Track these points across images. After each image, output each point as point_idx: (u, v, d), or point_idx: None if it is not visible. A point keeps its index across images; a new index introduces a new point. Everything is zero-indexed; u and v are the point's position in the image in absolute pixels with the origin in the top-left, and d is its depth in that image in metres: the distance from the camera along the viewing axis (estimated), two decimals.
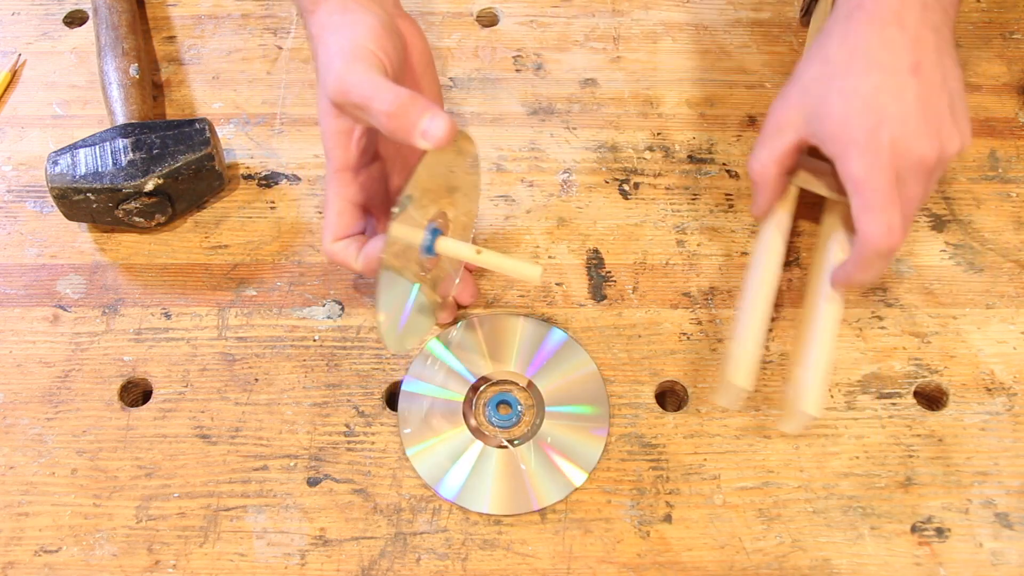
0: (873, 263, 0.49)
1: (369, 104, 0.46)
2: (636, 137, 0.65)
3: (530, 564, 0.50)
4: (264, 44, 0.69)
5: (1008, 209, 0.62)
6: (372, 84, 0.46)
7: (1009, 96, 0.67)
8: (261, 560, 0.50)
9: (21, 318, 0.58)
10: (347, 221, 0.51)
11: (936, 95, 0.49)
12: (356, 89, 0.46)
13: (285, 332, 0.57)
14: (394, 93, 0.45)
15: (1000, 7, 0.72)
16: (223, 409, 0.55)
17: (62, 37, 0.70)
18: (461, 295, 0.57)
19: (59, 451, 0.53)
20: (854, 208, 0.49)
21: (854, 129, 0.48)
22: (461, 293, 0.57)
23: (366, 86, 0.46)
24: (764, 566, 0.50)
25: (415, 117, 0.45)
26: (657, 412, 0.55)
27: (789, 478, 0.53)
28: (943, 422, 0.54)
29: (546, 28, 0.70)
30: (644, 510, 0.52)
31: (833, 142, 0.49)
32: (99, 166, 0.57)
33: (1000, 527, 0.51)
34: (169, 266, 0.60)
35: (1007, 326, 0.57)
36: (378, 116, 0.46)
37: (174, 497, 0.52)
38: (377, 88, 0.46)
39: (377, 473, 0.53)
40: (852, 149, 0.48)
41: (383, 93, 0.46)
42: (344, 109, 0.48)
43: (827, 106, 0.50)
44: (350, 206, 0.51)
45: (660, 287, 0.59)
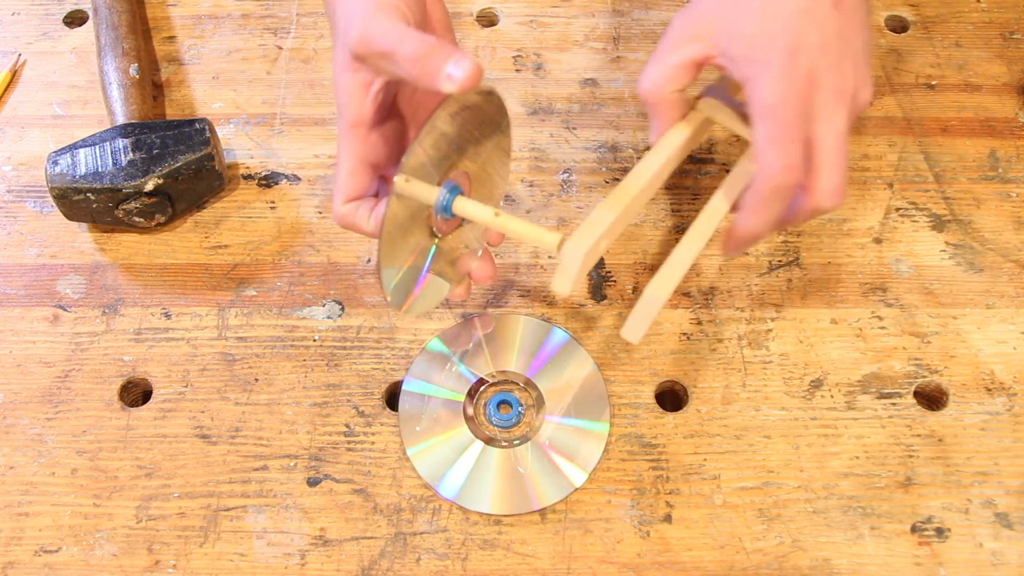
0: (769, 203, 0.46)
1: (394, 50, 0.44)
2: (636, 137, 0.65)
3: (530, 564, 0.50)
4: (264, 44, 0.69)
5: (1008, 209, 0.62)
6: (397, 31, 0.45)
7: (1009, 96, 0.67)
8: (261, 560, 0.50)
9: (21, 318, 0.58)
10: (359, 181, 0.48)
11: (854, 35, 0.46)
12: (381, 37, 0.45)
13: (285, 332, 0.57)
14: (420, 38, 0.44)
15: (1000, 7, 0.72)
16: (223, 409, 0.55)
17: (62, 37, 0.70)
18: (479, 274, 0.53)
19: (59, 451, 0.53)
20: (757, 139, 0.45)
21: (771, 51, 0.45)
22: (479, 271, 0.53)
23: (391, 34, 0.45)
24: (764, 566, 0.50)
25: (440, 61, 0.44)
26: (657, 412, 0.55)
27: (789, 478, 0.53)
28: (943, 422, 0.54)
29: (546, 28, 0.70)
30: (644, 510, 0.52)
31: (747, 63, 0.46)
32: (99, 166, 0.57)
33: (1000, 527, 0.51)
34: (169, 266, 0.60)
35: (1007, 326, 0.57)
36: (403, 62, 0.44)
37: (174, 497, 0.52)
38: (402, 35, 0.45)
39: (377, 473, 0.53)
40: (766, 72, 0.45)
41: (409, 39, 0.44)
42: (367, 60, 0.46)
43: (744, 23, 0.46)
44: (362, 165, 0.48)
45: None
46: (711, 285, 0.59)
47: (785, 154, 0.44)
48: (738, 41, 0.46)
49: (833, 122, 0.45)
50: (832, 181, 0.46)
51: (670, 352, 0.57)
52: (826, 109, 0.45)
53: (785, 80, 0.44)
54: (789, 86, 0.44)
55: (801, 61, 0.44)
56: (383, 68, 0.46)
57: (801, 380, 0.56)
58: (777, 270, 0.59)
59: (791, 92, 0.44)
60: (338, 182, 0.48)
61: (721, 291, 0.59)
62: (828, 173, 0.46)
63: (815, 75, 0.45)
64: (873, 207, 0.62)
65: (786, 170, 0.45)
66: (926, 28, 0.70)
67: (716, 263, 0.60)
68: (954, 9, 0.71)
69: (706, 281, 0.59)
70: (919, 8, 0.71)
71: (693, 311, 0.58)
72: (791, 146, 0.45)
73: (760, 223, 0.47)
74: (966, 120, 0.66)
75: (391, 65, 0.45)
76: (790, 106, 0.44)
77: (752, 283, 0.59)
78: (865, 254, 0.60)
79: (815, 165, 0.46)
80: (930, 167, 0.64)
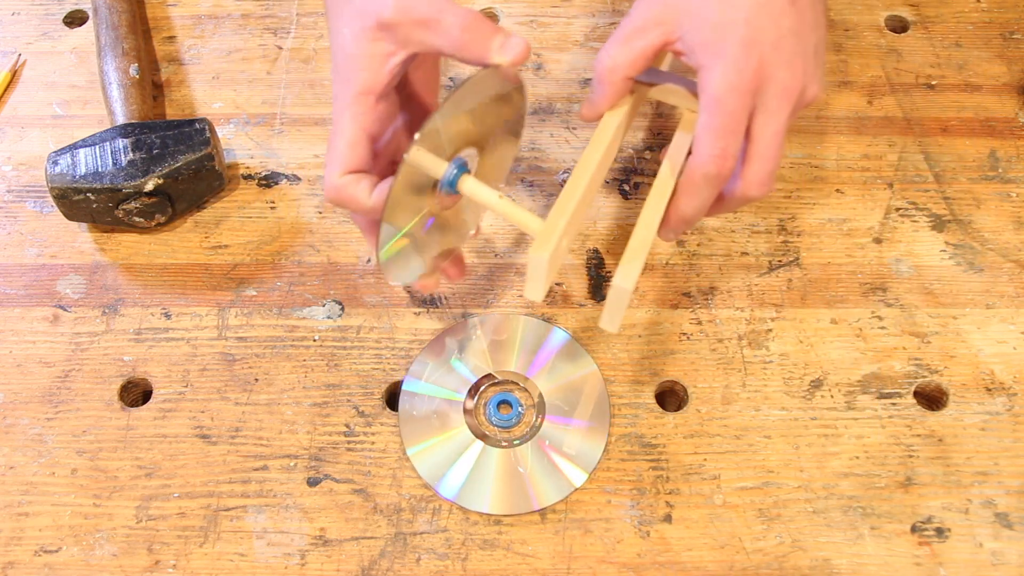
0: (700, 188, 0.47)
1: (440, 17, 0.44)
2: (636, 137, 0.65)
3: (530, 564, 0.50)
4: (264, 44, 0.69)
5: (1008, 209, 0.62)
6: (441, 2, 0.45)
7: (1009, 96, 0.67)
8: (261, 560, 0.50)
9: (21, 318, 0.58)
10: (359, 153, 0.46)
11: (808, 32, 0.47)
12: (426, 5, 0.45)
13: (285, 332, 0.57)
14: (467, 10, 0.45)
15: (1000, 7, 0.72)
16: (223, 409, 0.55)
17: (62, 37, 0.70)
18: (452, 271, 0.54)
19: (59, 451, 0.53)
20: (699, 125, 0.46)
21: (726, 42, 0.45)
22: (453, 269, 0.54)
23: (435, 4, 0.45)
24: (764, 566, 0.50)
25: (489, 33, 0.44)
26: (657, 412, 0.55)
27: (789, 478, 0.53)
28: (943, 422, 0.54)
29: (546, 28, 0.70)
30: (644, 510, 0.52)
31: (703, 51, 0.46)
32: (99, 166, 0.57)
33: (1000, 527, 0.51)
34: (169, 266, 0.60)
35: (1007, 326, 0.57)
36: (451, 29, 0.44)
37: (174, 497, 0.52)
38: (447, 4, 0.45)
39: (377, 473, 0.53)
40: (719, 63, 0.45)
41: (456, 9, 0.45)
42: (397, 29, 0.46)
43: (705, 12, 0.47)
44: (364, 136, 0.47)
45: (660, 287, 0.59)
46: (711, 285, 0.59)
47: (721, 144, 0.45)
48: (697, 29, 0.47)
49: (774, 117, 0.46)
50: (761, 172, 0.47)
51: (670, 352, 0.57)
52: (770, 104, 0.46)
53: (735, 72, 0.45)
54: (738, 78, 0.45)
55: (754, 54, 0.45)
56: (414, 38, 0.45)
57: (801, 380, 0.56)
58: (777, 270, 0.60)
59: (739, 84, 0.45)
60: (335, 152, 0.47)
61: (721, 291, 0.59)
62: (759, 164, 0.47)
63: (765, 70, 0.46)
64: (873, 207, 0.62)
65: (718, 159, 0.46)
66: (926, 28, 0.70)
67: (716, 263, 0.60)
68: (954, 9, 0.71)
69: (706, 281, 0.59)
70: (919, 8, 0.71)
71: (693, 311, 0.58)
72: (728, 137, 0.46)
73: (692, 207, 0.48)
74: (966, 120, 0.66)
75: (429, 34, 0.45)
76: (735, 98, 0.45)
77: (752, 283, 0.59)
78: (865, 254, 0.60)
79: (749, 155, 0.47)
80: (930, 167, 0.64)
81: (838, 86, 0.67)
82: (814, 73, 0.48)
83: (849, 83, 0.68)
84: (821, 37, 0.49)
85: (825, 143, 0.65)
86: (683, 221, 0.49)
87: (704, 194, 0.47)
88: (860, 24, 0.71)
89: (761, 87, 0.46)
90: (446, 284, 0.59)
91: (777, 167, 0.48)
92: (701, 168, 0.46)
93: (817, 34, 0.48)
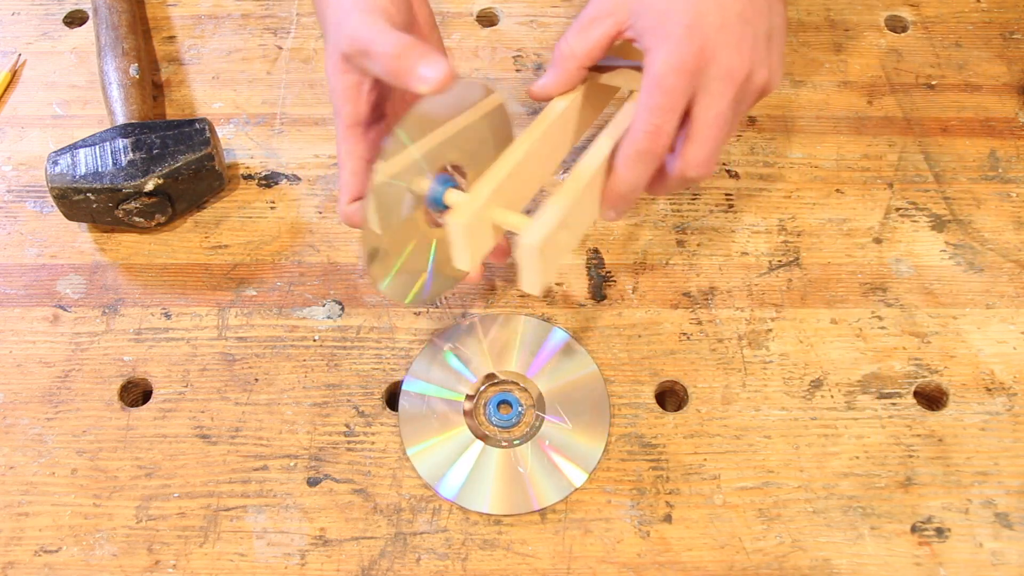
0: (634, 165, 0.48)
1: (371, 48, 0.46)
2: None
3: (530, 564, 0.50)
4: (264, 44, 0.69)
5: (1008, 209, 0.62)
6: (376, 29, 0.47)
7: (1009, 96, 0.67)
8: (261, 560, 0.50)
9: (21, 318, 0.58)
10: (362, 180, 0.50)
11: (758, 19, 0.48)
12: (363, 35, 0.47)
13: (285, 332, 0.57)
14: (396, 37, 0.46)
15: (1000, 7, 0.72)
16: (223, 409, 0.55)
17: (62, 37, 0.70)
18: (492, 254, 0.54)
19: (59, 451, 0.53)
20: (639, 103, 0.47)
21: (671, 25, 0.47)
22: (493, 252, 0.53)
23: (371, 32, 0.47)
24: (764, 566, 0.50)
25: (414, 61, 0.45)
26: (657, 412, 0.55)
27: (789, 478, 0.53)
28: (943, 422, 0.54)
29: (546, 28, 0.70)
30: (644, 510, 0.52)
31: (650, 35, 0.47)
32: (99, 166, 0.57)
33: (1000, 527, 0.51)
34: (169, 266, 0.60)
35: (1007, 326, 0.57)
36: (380, 59, 0.46)
37: (174, 497, 0.52)
38: (381, 32, 0.46)
39: (377, 473, 0.53)
40: (663, 45, 0.46)
41: (386, 37, 0.46)
42: (353, 60, 0.48)
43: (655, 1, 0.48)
44: (363, 164, 0.50)
45: (660, 287, 0.59)
46: (711, 285, 0.59)
47: (656, 121, 0.46)
48: (645, 15, 0.48)
49: (716, 99, 0.47)
50: (699, 153, 0.48)
51: (670, 352, 0.57)
52: (712, 86, 0.47)
53: (677, 54, 0.46)
54: (678, 59, 0.46)
55: (696, 37, 0.46)
56: (367, 67, 0.48)
57: (801, 380, 0.56)
58: (777, 270, 0.60)
59: (679, 65, 0.46)
60: (342, 182, 0.50)
61: (721, 291, 0.59)
62: (697, 145, 0.48)
63: (708, 52, 0.46)
64: (873, 207, 0.62)
65: (651, 135, 0.46)
66: (926, 28, 0.70)
67: (716, 263, 0.60)
68: (954, 9, 0.71)
69: (706, 281, 0.59)
70: (919, 8, 0.71)
71: (693, 311, 0.58)
72: (664, 115, 0.46)
73: (627, 183, 0.48)
74: (966, 120, 0.66)
75: (370, 62, 0.47)
76: (674, 78, 0.46)
77: (752, 283, 0.59)
78: (865, 254, 0.60)
79: (688, 135, 0.48)
80: (930, 167, 0.64)
81: (838, 86, 0.67)
82: (764, 59, 0.48)
83: (849, 83, 0.68)
84: (776, 25, 0.49)
85: (825, 143, 0.65)
86: (619, 197, 0.49)
87: (638, 170, 0.48)
88: (860, 24, 0.71)
89: (703, 69, 0.46)
90: None
91: (717, 149, 0.48)
92: (634, 144, 0.47)
93: (770, 21, 0.49)
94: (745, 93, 0.48)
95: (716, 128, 0.48)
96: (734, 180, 0.63)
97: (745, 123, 0.65)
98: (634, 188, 0.49)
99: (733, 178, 0.63)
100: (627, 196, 0.49)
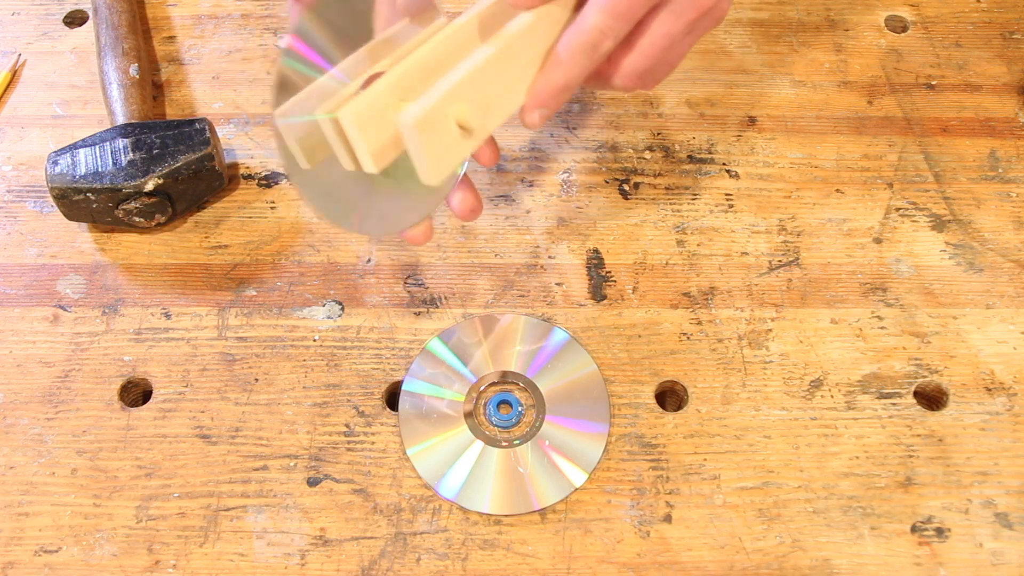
0: (573, 57, 0.44)
1: None
2: (636, 137, 0.65)
3: (530, 564, 0.50)
4: (264, 44, 0.70)
5: (1008, 209, 0.62)
6: None
7: (1009, 96, 0.67)
8: (261, 560, 0.50)
9: (21, 318, 0.58)
10: None
11: None
12: None
13: (285, 332, 0.57)
14: None
15: (1000, 7, 0.72)
16: (223, 409, 0.55)
17: (62, 37, 0.70)
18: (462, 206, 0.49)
19: (59, 451, 0.53)
20: None
21: None
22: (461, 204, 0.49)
23: None
24: (764, 566, 0.50)
25: None
26: (657, 412, 0.55)
27: (789, 478, 0.53)
28: (943, 422, 0.54)
29: None
30: (644, 510, 0.52)
31: None
32: (99, 166, 0.57)
33: (1000, 527, 0.51)
34: (169, 266, 0.60)
35: (1007, 326, 0.57)
36: None
37: (174, 497, 0.52)
38: None
39: (377, 473, 0.53)
40: None
41: None
42: None
43: None
44: None
45: (660, 287, 0.59)
46: (711, 285, 0.59)
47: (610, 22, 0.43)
48: None
49: (675, 18, 0.45)
50: (634, 64, 0.46)
51: (670, 352, 0.57)
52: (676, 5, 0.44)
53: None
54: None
55: None
56: None
57: (801, 380, 0.56)
58: (777, 270, 0.60)
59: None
60: None
61: (721, 291, 0.59)
62: (635, 56, 0.45)
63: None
64: (873, 207, 0.62)
65: (602, 33, 0.43)
66: (926, 28, 0.70)
67: (716, 263, 0.60)
68: (954, 9, 0.71)
69: (706, 281, 0.59)
70: (919, 8, 0.71)
71: (693, 311, 0.58)
72: (619, 21, 0.43)
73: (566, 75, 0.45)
74: (966, 120, 0.66)
75: None
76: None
77: (752, 283, 0.59)
78: (865, 254, 0.60)
79: (631, 43, 0.45)
80: (930, 167, 0.64)
81: (838, 86, 0.67)
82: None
83: (849, 83, 0.68)
84: None
85: (825, 143, 0.65)
86: (553, 92, 0.45)
87: (580, 65, 0.44)
88: (860, 24, 0.71)
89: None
90: (447, 284, 0.59)
91: (652, 67, 0.46)
92: (580, 35, 0.43)
93: None
94: (703, 20, 0.46)
95: (660, 47, 0.45)
96: (734, 180, 0.63)
97: (745, 123, 0.65)
98: (569, 85, 0.45)
99: (733, 178, 0.63)
100: (560, 93, 0.45)
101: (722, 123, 0.66)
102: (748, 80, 0.68)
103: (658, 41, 0.45)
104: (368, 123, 0.41)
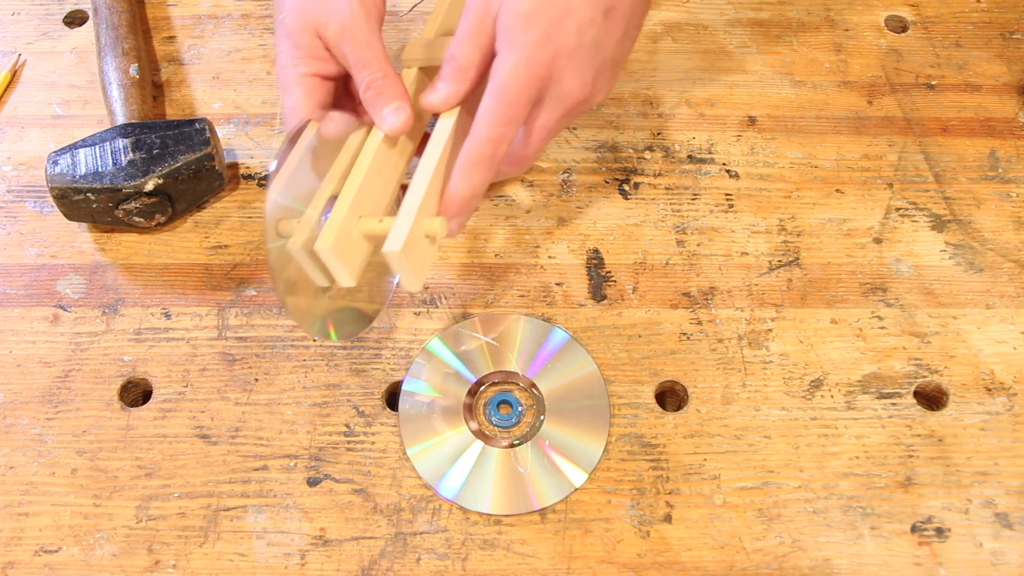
0: (476, 169, 0.47)
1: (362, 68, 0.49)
2: (636, 137, 0.65)
3: (530, 564, 0.50)
4: (264, 44, 0.69)
5: (1008, 209, 0.62)
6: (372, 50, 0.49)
7: (1009, 96, 0.67)
8: (261, 560, 0.50)
9: (21, 318, 0.58)
10: None
11: (611, 46, 0.49)
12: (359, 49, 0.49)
13: (285, 332, 0.57)
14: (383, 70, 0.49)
15: (1000, 7, 0.72)
16: (223, 409, 0.55)
17: (62, 37, 0.70)
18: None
19: (59, 451, 0.53)
20: (481, 106, 0.47)
21: (526, 35, 0.46)
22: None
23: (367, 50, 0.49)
24: (764, 566, 0.50)
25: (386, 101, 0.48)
26: (657, 412, 0.55)
27: (789, 478, 0.53)
28: (943, 422, 0.54)
29: None
30: (644, 510, 0.52)
31: (505, 38, 0.47)
32: (99, 166, 0.57)
33: (1000, 527, 0.51)
34: (169, 266, 0.60)
35: (1007, 326, 0.57)
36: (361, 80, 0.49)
37: (174, 497, 0.52)
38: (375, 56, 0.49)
39: (377, 473, 0.53)
40: (513, 55, 0.46)
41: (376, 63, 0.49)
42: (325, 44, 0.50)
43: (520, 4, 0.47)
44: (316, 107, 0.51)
45: (660, 287, 0.59)
46: (711, 285, 0.59)
47: (500, 130, 0.47)
48: (507, 16, 0.47)
49: (549, 113, 0.49)
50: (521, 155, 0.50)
51: (670, 352, 0.57)
52: (549, 102, 0.48)
53: (525, 68, 0.47)
54: (527, 74, 0.47)
55: (547, 55, 0.47)
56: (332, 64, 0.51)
57: (801, 380, 0.56)
58: (777, 270, 0.60)
59: (525, 81, 0.47)
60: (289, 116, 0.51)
61: (721, 291, 0.59)
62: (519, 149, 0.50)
63: (555, 72, 0.47)
64: (873, 207, 0.62)
65: (494, 143, 0.47)
66: (926, 28, 0.70)
67: (716, 263, 0.60)
68: (954, 9, 0.71)
69: (706, 281, 0.59)
70: (919, 8, 0.71)
71: (693, 311, 0.58)
72: (507, 125, 0.47)
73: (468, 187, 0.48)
74: (966, 120, 0.66)
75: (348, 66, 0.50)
76: (520, 91, 0.47)
77: (752, 283, 0.59)
78: (865, 254, 0.60)
79: None
80: (930, 167, 0.64)
81: (838, 86, 0.67)
82: (604, 85, 0.50)
83: (849, 83, 0.68)
84: (626, 49, 0.51)
85: (825, 143, 0.65)
86: (461, 204, 0.48)
87: (479, 177, 0.48)
88: (860, 24, 0.71)
89: (549, 87, 0.48)
90: (446, 284, 0.59)
91: (535, 155, 0.51)
92: (477, 148, 0.47)
93: (622, 47, 0.50)
94: (575, 112, 0.50)
95: (539, 139, 0.50)
96: (734, 180, 0.63)
97: (745, 123, 0.65)
98: (476, 193, 0.48)
99: (733, 178, 0.63)
100: (471, 201, 0.48)
101: (722, 123, 0.66)
102: (748, 80, 0.68)
103: (536, 133, 0.49)
104: (343, 248, 0.46)
